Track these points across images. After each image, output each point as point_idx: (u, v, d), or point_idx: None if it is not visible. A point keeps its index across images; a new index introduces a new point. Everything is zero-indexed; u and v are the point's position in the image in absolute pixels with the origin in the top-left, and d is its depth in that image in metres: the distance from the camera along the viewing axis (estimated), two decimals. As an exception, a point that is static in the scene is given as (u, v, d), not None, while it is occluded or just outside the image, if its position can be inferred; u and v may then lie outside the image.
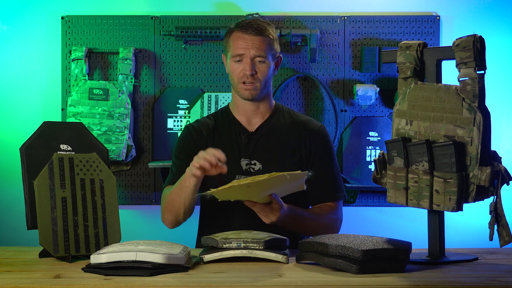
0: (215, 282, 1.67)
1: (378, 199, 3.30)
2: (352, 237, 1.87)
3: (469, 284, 1.65)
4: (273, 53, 2.31)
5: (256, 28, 2.28)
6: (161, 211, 2.34)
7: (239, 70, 2.28)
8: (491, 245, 2.04)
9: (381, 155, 2.02)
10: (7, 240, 3.23)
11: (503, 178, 1.84)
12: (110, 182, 2.09)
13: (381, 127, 3.29)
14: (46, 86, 3.34)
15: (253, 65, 2.27)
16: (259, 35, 2.28)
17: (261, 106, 2.36)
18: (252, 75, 2.26)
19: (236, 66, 2.29)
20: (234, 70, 2.30)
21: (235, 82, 2.31)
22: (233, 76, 2.31)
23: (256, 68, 2.27)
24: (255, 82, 2.28)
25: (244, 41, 2.28)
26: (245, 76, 2.28)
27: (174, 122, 3.31)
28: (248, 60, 2.27)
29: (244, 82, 2.29)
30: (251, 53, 2.27)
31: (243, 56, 2.27)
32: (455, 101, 1.87)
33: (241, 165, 2.31)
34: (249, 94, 2.29)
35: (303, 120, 2.41)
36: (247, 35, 2.28)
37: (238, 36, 2.29)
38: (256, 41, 2.28)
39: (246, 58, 2.27)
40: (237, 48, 2.28)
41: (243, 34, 2.29)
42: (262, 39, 2.28)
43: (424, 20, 3.30)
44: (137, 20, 3.31)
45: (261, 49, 2.27)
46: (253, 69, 2.26)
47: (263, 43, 2.28)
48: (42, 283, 1.67)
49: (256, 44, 2.27)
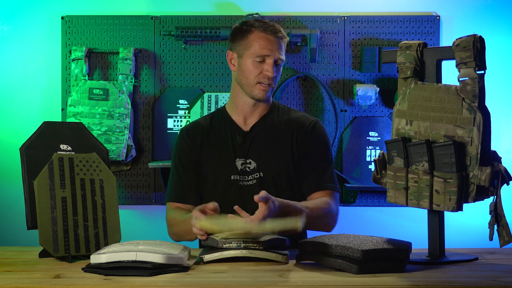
0: (215, 282, 1.67)
1: (378, 199, 3.30)
2: (352, 237, 1.87)
3: (469, 284, 1.65)
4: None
5: (279, 31, 2.29)
6: (167, 225, 2.35)
7: (259, 70, 2.27)
8: (491, 245, 2.04)
9: (381, 155, 2.02)
10: (7, 240, 3.23)
11: (503, 178, 1.84)
12: (110, 182, 2.08)
13: (381, 127, 3.29)
14: (46, 86, 3.34)
15: (274, 67, 2.27)
16: (281, 38, 2.29)
17: (260, 106, 2.36)
18: (273, 77, 2.27)
19: (256, 65, 2.27)
20: (252, 69, 2.27)
21: (251, 82, 2.28)
22: (249, 75, 2.28)
23: (276, 71, 2.28)
24: (271, 84, 2.28)
25: (269, 42, 2.26)
26: (265, 77, 2.26)
27: (174, 122, 3.31)
28: (272, 61, 2.26)
29: (261, 83, 2.28)
30: (276, 55, 2.26)
31: (267, 57, 2.26)
32: (455, 101, 1.87)
33: (236, 165, 2.31)
34: (264, 95, 2.29)
35: (297, 116, 2.40)
36: (272, 37, 2.27)
37: (261, 36, 2.27)
38: (280, 44, 2.29)
39: (270, 59, 2.26)
40: (262, 49, 2.26)
41: (268, 35, 2.27)
42: (283, 43, 2.30)
43: (424, 20, 3.30)
44: (137, 20, 3.31)
45: (282, 53, 2.29)
46: (275, 71, 2.27)
47: (284, 47, 2.31)
48: (42, 283, 1.67)
49: (280, 46, 2.28)
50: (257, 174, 2.29)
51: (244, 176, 2.30)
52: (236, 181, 2.29)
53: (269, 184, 2.29)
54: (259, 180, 2.29)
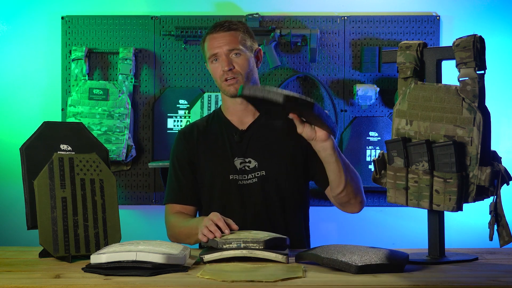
0: (215, 282, 1.67)
1: (378, 199, 3.30)
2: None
3: (469, 284, 1.65)
4: (249, 46, 2.31)
5: (224, 25, 2.29)
6: (166, 227, 2.34)
7: (218, 69, 2.28)
8: (491, 245, 2.04)
9: (380, 155, 2.02)
10: (7, 240, 3.24)
11: (503, 178, 1.84)
12: (110, 182, 2.08)
13: (381, 127, 3.29)
14: (46, 86, 3.34)
15: (229, 60, 2.26)
16: (228, 31, 2.28)
17: (250, 105, 2.36)
18: (230, 70, 2.26)
19: (215, 66, 2.29)
20: (214, 71, 2.30)
21: (219, 82, 2.30)
22: (215, 77, 2.31)
23: (234, 63, 2.27)
24: (236, 76, 2.27)
25: (215, 40, 2.28)
26: (224, 73, 2.27)
27: (174, 122, 3.31)
28: (223, 56, 2.26)
29: (226, 79, 2.28)
30: (224, 49, 2.26)
31: (217, 54, 2.27)
32: (455, 101, 1.87)
33: (235, 164, 2.30)
34: (234, 89, 2.28)
35: None
36: (217, 34, 2.28)
37: (209, 38, 2.30)
38: (227, 36, 2.28)
39: (221, 55, 2.27)
40: (210, 49, 2.28)
41: (214, 34, 2.29)
42: (232, 34, 2.28)
43: (424, 20, 3.30)
44: (137, 20, 3.31)
45: (233, 43, 2.27)
46: (230, 64, 2.26)
47: (235, 37, 2.28)
48: (42, 283, 1.67)
49: (227, 39, 2.27)
50: (258, 173, 2.29)
51: (243, 175, 2.29)
52: (235, 180, 2.29)
53: (272, 183, 2.28)
54: (260, 178, 2.28)
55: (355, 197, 2.24)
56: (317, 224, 2.95)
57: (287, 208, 2.31)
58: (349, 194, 2.21)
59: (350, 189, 2.20)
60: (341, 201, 2.25)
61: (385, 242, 3.19)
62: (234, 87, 2.27)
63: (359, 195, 2.25)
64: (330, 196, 2.28)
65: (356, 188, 2.22)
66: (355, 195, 2.23)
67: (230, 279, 1.66)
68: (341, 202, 2.25)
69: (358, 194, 2.24)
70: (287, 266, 1.84)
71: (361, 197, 2.27)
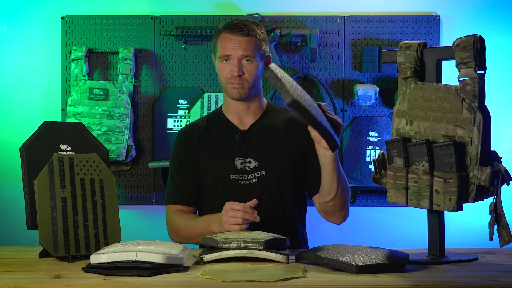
0: (215, 282, 1.67)
1: (378, 199, 3.30)
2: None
3: (469, 284, 1.65)
4: (261, 53, 2.30)
5: (243, 29, 2.27)
6: (167, 228, 2.34)
7: (227, 70, 2.27)
8: (491, 245, 2.04)
9: (380, 155, 2.02)
10: (7, 240, 3.24)
11: (503, 178, 1.84)
12: (110, 182, 2.08)
13: (381, 127, 3.29)
14: (46, 86, 3.35)
15: (240, 66, 2.25)
16: (246, 36, 2.27)
17: (251, 106, 2.35)
18: (239, 76, 2.25)
19: (223, 66, 2.28)
20: (222, 71, 2.29)
21: (223, 82, 2.30)
22: (220, 76, 2.30)
23: (244, 69, 2.26)
24: (243, 83, 2.27)
25: (231, 42, 2.26)
26: (232, 77, 2.26)
27: (174, 122, 3.31)
28: (235, 61, 2.25)
29: (231, 83, 2.28)
30: (238, 54, 2.25)
31: (230, 56, 2.26)
32: (455, 101, 1.87)
33: (236, 164, 2.31)
34: (237, 94, 2.28)
35: (295, 115, 2.40)
36: (234, 36, 2.27)
37: (225, 37, 2.28)
38: (243, 41, 2.26)
39: (233, 59, 2.26)
40: (224, 49, 2.27)
41: (230, 35, 2.27)
42: (249, 40, 2.27)
43: (424, 20, 3.30)
44: (137, 20, 3.31)
45: (248, 50, 2.26)
46: (240, 70, 2.25)
47: (250, 44, 2.27)
48: (42, 283, 1.67)
49: (243, 44, 2.26)
50: (258, 173, 2.29)
51: (244, 175, 2.29)
52: (236, 180, 2.29)
53: (271, 183, 2.29)
54: (260, 179, 2.28)
55: (340, 210, 2.28)
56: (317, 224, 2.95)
57: (287, 208, 2.31)
58: (336, 205, 2.26)
59: (339, 201, 2.25)
60: (326, 210, 2.29)
61: (385, 242, 3.19)
62: (238, 92, 2.27)
63: (344, 208, 2.29)
64: (317, 202, 2.32)
65: (344, 201, 2.26)
66: (341, 207, 2.27)
67: (230, 279, 1.66)
68: (326, 211, 2.29)
69: (344, 208, 2.28)
70: (287, 266, 1.84)
71: (346, 211, 2.31)
